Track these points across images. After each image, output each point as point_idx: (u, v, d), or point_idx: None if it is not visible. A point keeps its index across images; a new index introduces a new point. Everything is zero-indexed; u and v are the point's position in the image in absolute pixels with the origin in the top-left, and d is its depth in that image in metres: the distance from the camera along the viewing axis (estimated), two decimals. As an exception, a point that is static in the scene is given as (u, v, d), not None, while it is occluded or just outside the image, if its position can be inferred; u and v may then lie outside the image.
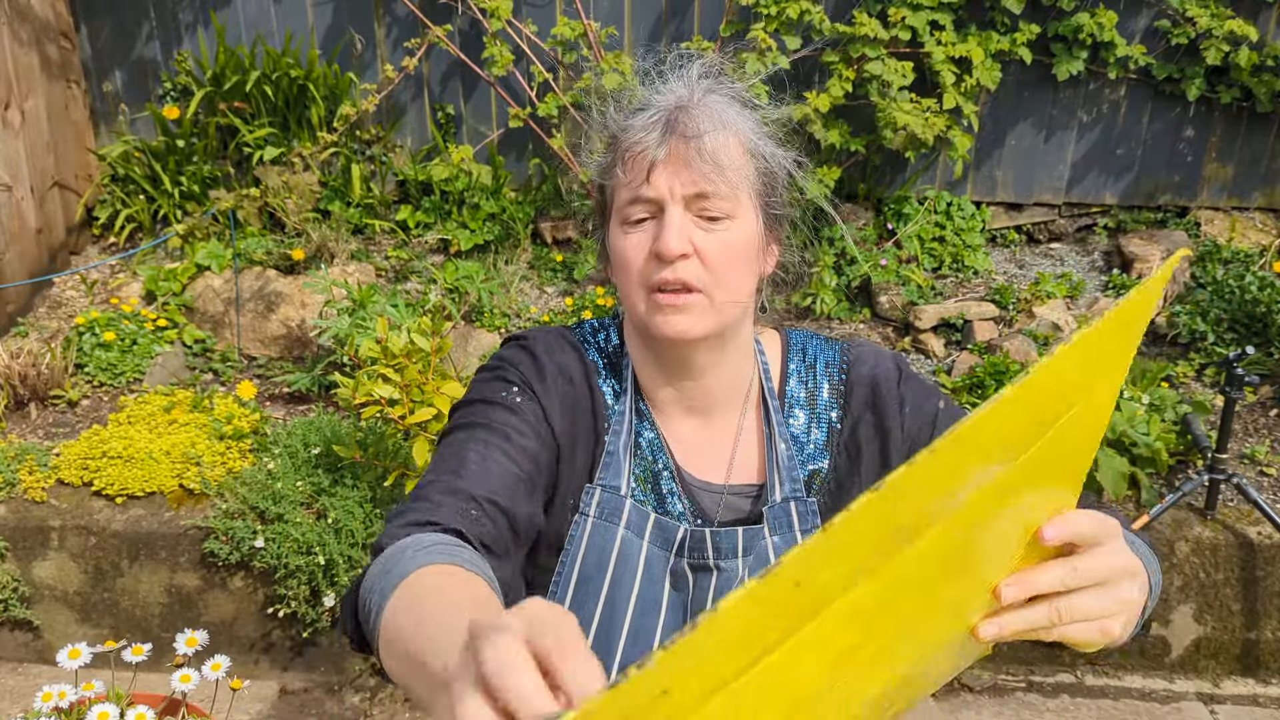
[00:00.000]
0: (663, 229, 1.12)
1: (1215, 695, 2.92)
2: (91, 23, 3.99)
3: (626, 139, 1.16)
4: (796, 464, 1.23)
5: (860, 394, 1.25)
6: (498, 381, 1.21)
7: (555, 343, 1.26)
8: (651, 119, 1.15)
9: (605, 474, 1.21)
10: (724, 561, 1.18)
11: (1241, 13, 3.58)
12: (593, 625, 1.18)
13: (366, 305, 3.25)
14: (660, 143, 1.12)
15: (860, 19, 3.46)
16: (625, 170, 1.15)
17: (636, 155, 1.13)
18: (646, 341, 1.23)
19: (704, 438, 1.25)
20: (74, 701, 1.67)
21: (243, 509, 2.84)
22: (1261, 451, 3.12)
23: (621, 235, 1.16)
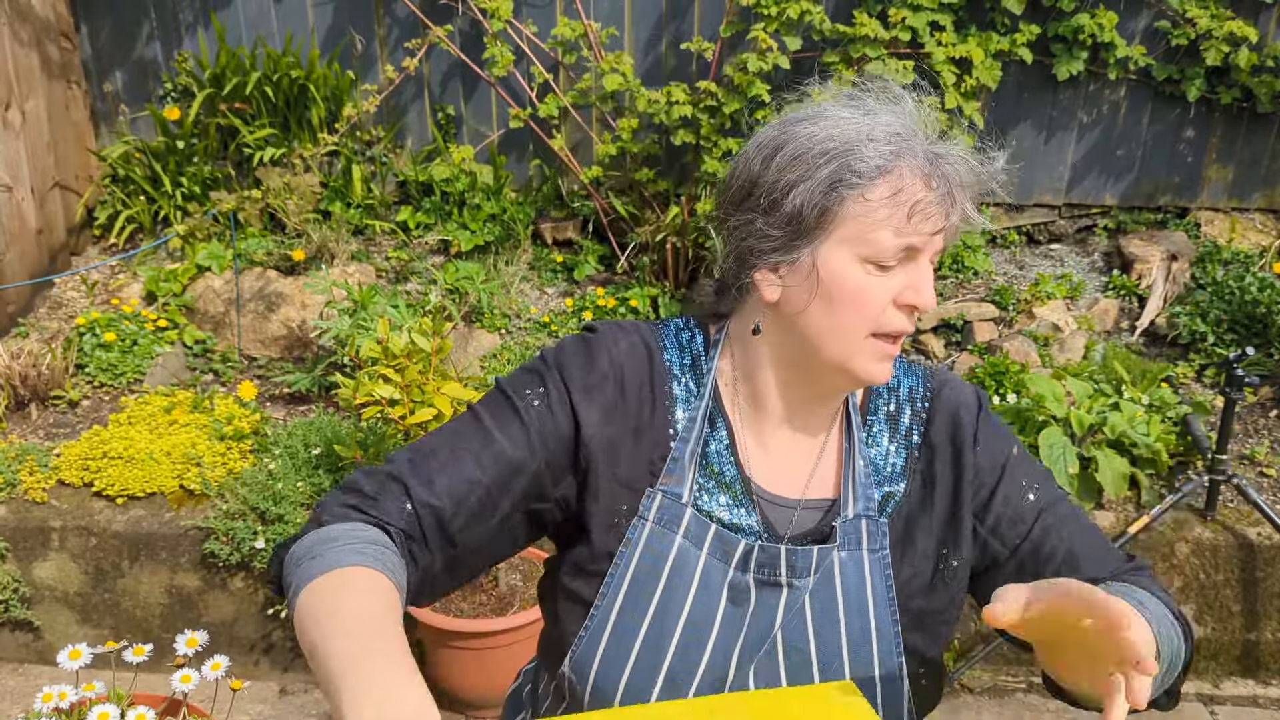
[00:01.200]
0: (923, 281, 1.11)
1: (1215, 696, 2.92)
2: (92, 23, 3.99)
3: (907, 186, 1.08)
4: (872, 483, 1.21)
5: (942, 424, 1.23)
6: (531, 377, 1.20)
7: (624, 340, 1.21)
8: (925, 168, 1.10)
9: (668, 480, 1.18)
10: (797, 580, 1.16)
11: (1241, 13, 3.58)
12: (640, 633, 1.15)
13: (367, 306, 3.25)
14: (951, 204, 1.10)
15: (860, 19, 3.46)
16: (909, 217, 1.08)
17: (922, 209, 1.08)
18: (808, 368, 1.18)
19: (788, 453, 1.23)
20: (75, 702, 1.68)
21: (243, 509, 2.84)
22: (1261, 452, 3.13)
23: (860, 272, 1.10)
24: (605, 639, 1.16)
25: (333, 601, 0.98)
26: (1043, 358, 3.44)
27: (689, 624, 1.15)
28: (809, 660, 1.16)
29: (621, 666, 1.15)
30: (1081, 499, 2.90)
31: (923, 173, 1.09)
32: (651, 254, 3.72)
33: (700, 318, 1.27)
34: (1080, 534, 1.22)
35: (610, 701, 1.15)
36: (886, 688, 1.17)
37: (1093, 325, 3.64)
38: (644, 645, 1.15)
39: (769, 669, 1.16)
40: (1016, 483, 1.22)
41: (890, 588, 1.18)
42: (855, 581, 1.17)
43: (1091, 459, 2.90)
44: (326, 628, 0.95)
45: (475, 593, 2.76)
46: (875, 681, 1.17)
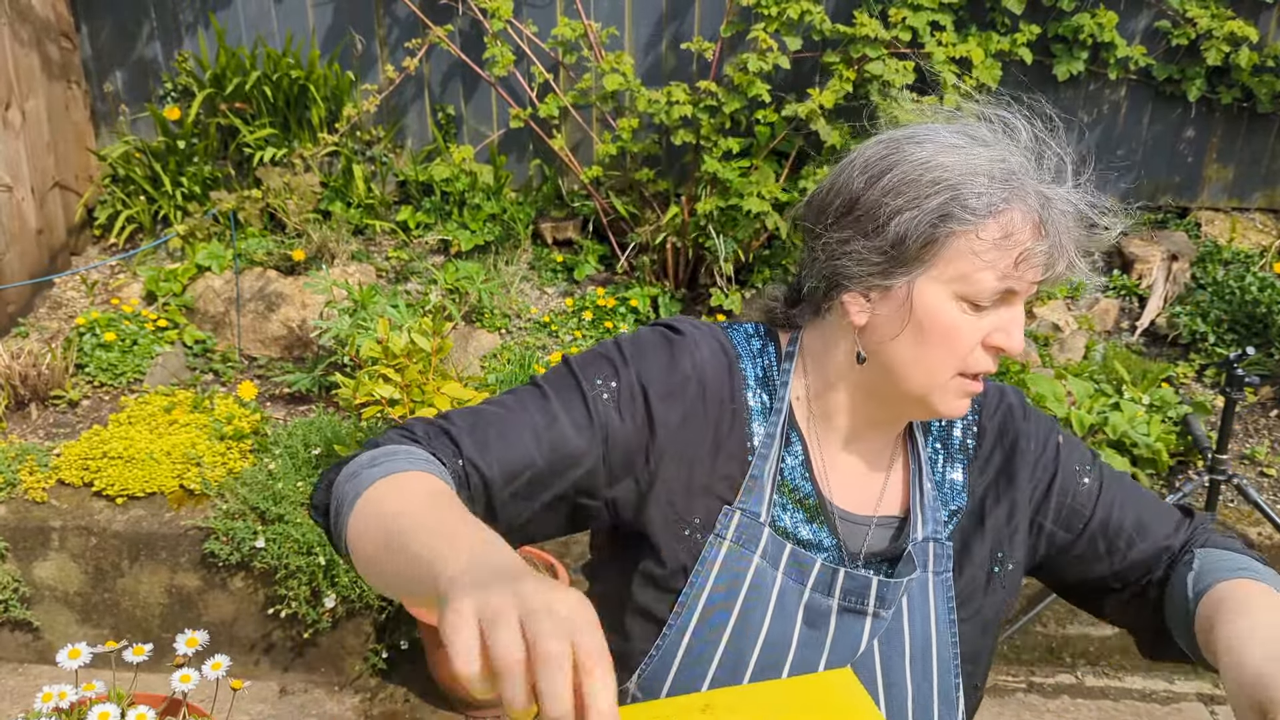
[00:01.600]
0: (1015, 326, 1.09)
1: (1215, 696, 2.92)
2: (92, 23, 3.99)
3: (1017, 232, 1.05)
4: (939, 504, 1.20)
5: (992, 432, 1.23)
6: (605, 366, 1.13)
7: (706, 344, 1.16)
8: (1034, 214, 1.06)
9: (746, 498, 1.14)
10: (884, 610, 1.14)
11: (1242, 13, 3.58)
12: (716, 656, 1.12)
13: (367, 306, 3.25)
14: (1059, 255, 1.06)
15: (861, 19, 3.46)
16: (1016, 263, 1.05)
17: (1029, 256, 1.04)
18: (886, 397, 1.16)
19: (858, 469, 1.21)
20: (74, 702, 1.68)
21: (243, 509, 2.84)
22: (1261, 452, 3.12)
23: (956, 309, 1.07)
24: (679, 659, 1.13)
25: (407, 490, 0.94)
26: (1043, 358, 3.44)
27: (766, 646, 1.12)
28: (875, 683, 1.14)
29: (696, 688, 1.12)
30: (1082, 499, 2.90)
31: (1034, 219, 1.05)
32: (651, 254, 3.72)
33: (770, 326, 1.22)
34: (1139, 501, 1.24)
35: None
36: (944, 707, 1.17)
37: (1093, 325, 3.64)
38: (720, 668, 1.12)
39: None
40: (1070, 470, 1.23)
41: (952, 609, 1.17)
42: (920, 604, 1.16)
43: (1092, 459, 2.90)
44: (404, 509, 0.91)
45: (475, 593, 2.76)
46: (934, 700, 1.16)
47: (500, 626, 0.68)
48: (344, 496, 0.98)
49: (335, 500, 1.00)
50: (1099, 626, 2.96)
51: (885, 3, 3.58)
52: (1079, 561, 1.23)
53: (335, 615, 2.88)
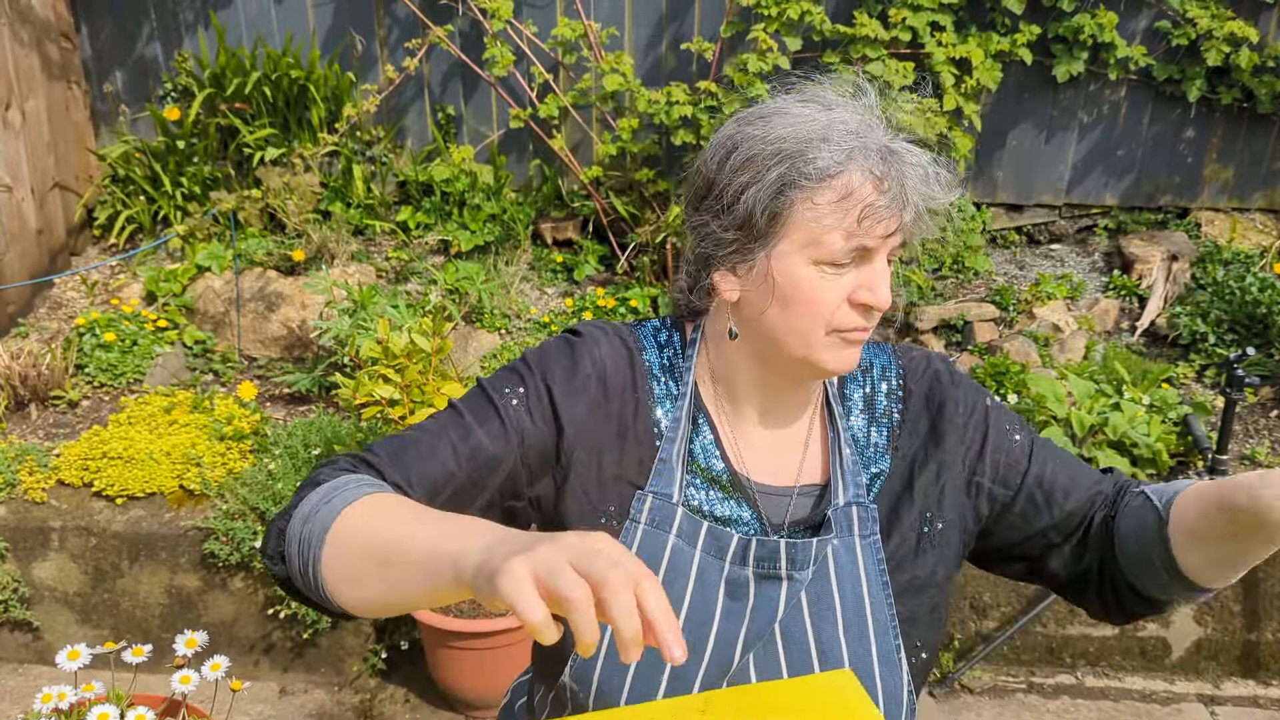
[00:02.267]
0: (878, 282, 1.10)
1: (1216, 696, 2.92)
2: (92, 23, 3.99)
3: (857, 189, 1.07)
4: (859, 468, 1.23)
5: (918, 397, 1.26)
6: (512, 377, 1.20)
7: (605, 342, 1.22)
8: (878, 169, 1.08)
9: (657, 481, 1.19)
10: (797, 572, 1.17)
11: (1242, 14, 3.58)
12: None
13: (367, 306, 3.25)
14: (902, 204, 1.08)
15: (861, 20, 3.46)
16: (860, 220, 1.07)
17: (874, 212, 1.07)
18: (773, 363, 1.19)
19: (776, 443, 1.24)
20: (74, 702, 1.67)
21: (243, 510, 2.84)
22: (1262, 452, 3.12)
23: (814, 274, 1.10)
24: (605, 644, 1.16)
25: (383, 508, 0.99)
26: (1043, 358, 3.44)
27: (688, 621, 1.16)
28: (808, 649, 1.17)
29: (624, 670, 1.16)
30: (1082, 499, 2.90)
31: (875, 174, 1.08)
32: (651, 254, 3.72)
33: (676, 317, 1.28)
34: (1066, 458, 1.28)
35: (616, 701, 1.16)
36: (885, 668, 1.19)
37: (1093, 325, 3.64)
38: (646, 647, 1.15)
39: (769, 661, 1.17)
40: (1001, 429, 1.26)
41: (883, 571, 1.20)
42: (849, 568, 1.18)
43: (1092, 459, 2.89)
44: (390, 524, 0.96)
45: (475, 593, 2.76)
46: (873, 662, 1.19)
47: (559, 573, 0.77)
48: (309, 535, 1.01)
49: (299, 543, 1.02)
50: (1099, 627, 2.96)
51: (885, 3, 3.58)
52: (1021, 519, 1.25)
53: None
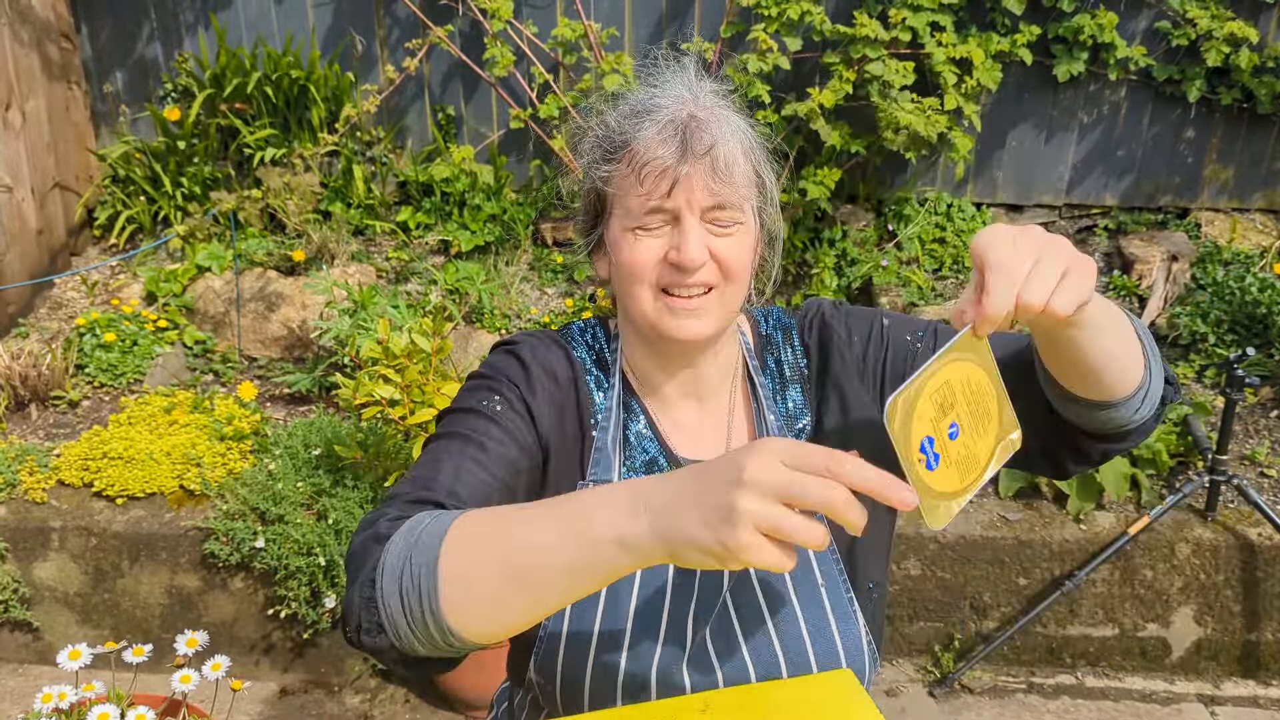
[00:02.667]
0: (684, 240, 1.16)
1: (1216, 697, 2.92)
2: (92, 23, 3.99)
3: (641, 150, 1.17)
4: (784, 431, 1.28)
5: (814, 340, 1.32)
6: (482, 390, 1.23)
7: (542, 345, 1.29)
8: (665, 131, 1.16)
9: (596, 469, 1.24)
10: None
11: (1242, 14, 3.58)
12: (598, 612, 1.20)
13: (367, 306, 3.25)
14: (681, 159, 1.15)
15: (861, 20, 3.46)
16: (641, 181, 1.16)
17: (655, 169, 1.15)
18: (647, 337, 1.26)
19: (701, 420, 1.30)
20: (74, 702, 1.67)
21: (243, 510, 2.84)
22: (1262, 453, 3.12)
23: (630, 239, 1.19)
24: (565, 631, 1.20)
25: (480, 524, 0.95)
26: (1043, 358, 3.44)
27: (641, 598, 1.20)
28: (760, 613, 1.20)
29: (585, 653, 1.19)
30: (1081, 500, 2.90)
31: (660, 136, 1.16)
32: (652, 254, 3.72)
33: (599, 315, 1.38)
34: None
35: (581, 688, 1.19)
36: (841, 622, 1.22)
37: (1093, 326, 3.63)
38: (603, 625, 1.19)
39: (724, 629, 1.20)
40: (902, 340, 1.29)
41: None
42: None
43: (1092, 459, 2.89)
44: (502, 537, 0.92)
45: (475, 593, 2.76)
46: (828, 617, 1.22)
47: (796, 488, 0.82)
48: (416, 584, 0.94)
49: (402, 598, 0.94)
50: (1099, 627, 2.96)
51: (885, 3, 3.58)
52: None
53: (335, 616, 2.88)
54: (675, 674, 1.18)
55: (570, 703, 1.21)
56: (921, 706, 2.88)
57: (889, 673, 2.98)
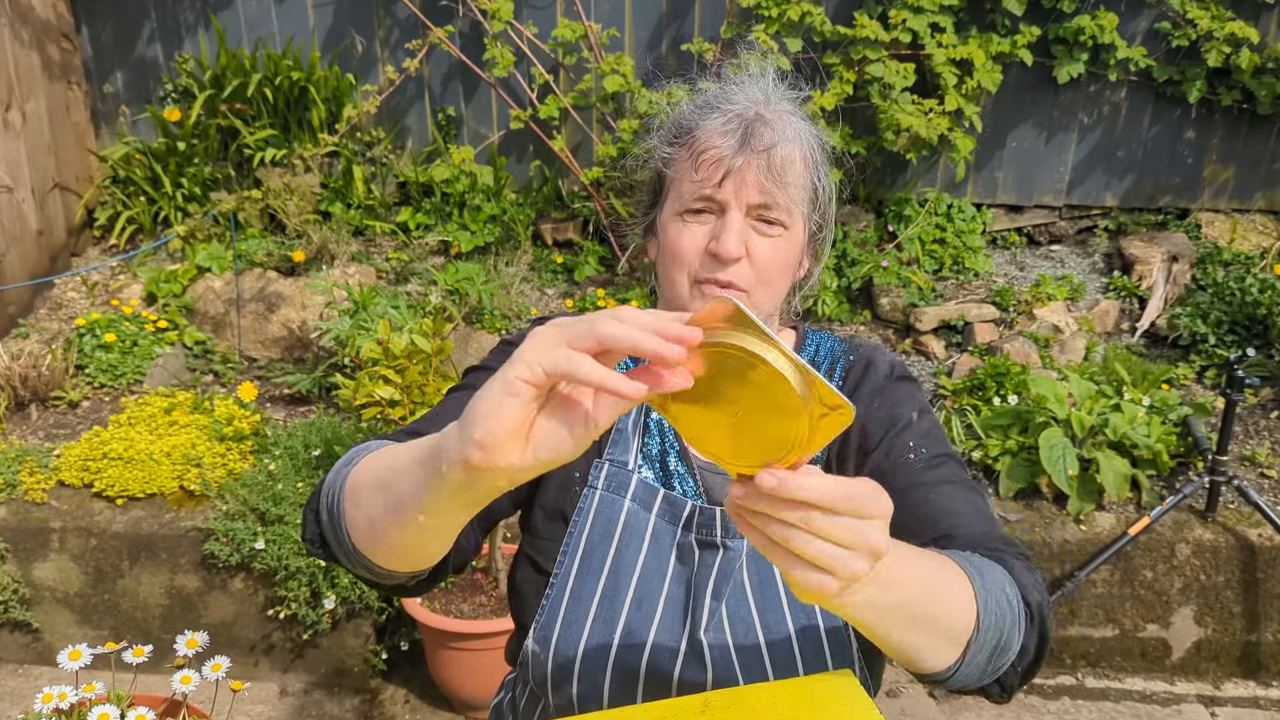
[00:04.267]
0: (724, 230, 1.18)
1: (1216, 697, 2.91)
2: (93, 24, 3.99)
3: (702, 138, 1.19)
4: None
5: (852, 379, 1.30)
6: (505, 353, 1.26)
7: None
8: (728, 124, 1.18)
9: (614, 450, 1.26)
10: (730, 540, 1.21)
11: (1242, 15, 3.58)
12: (598, 590, 1.21)
13: (367, 307, 3.25)
14: (736, 152, 1.17)
15: (861, 21, 3.46)
16: (696, 168, 1.19)
17: (711, 158, 1.18)
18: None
19: None
20: (74, 703, 1.67)
21: (243, 510, 2.84)
22: (1262, 453, 3.12)
23: (679, 224, 1.22)
24: (565, 603, 1.22)
25: (385, 453, 0.97)
26: (1043, 359, 3.44)
27: (641, 580, 1.21)
28: (754, 628, 1.20)
29: (580, 627, 1.21)
30: (1082, 500, 2.90)
31: (723, 127, 1.18)
32: (652, 255, 3.72)
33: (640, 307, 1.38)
34: (957, 497, 1.18)
35: (571, 666, 1.20)
36: (834, 644, 1.22)
37: (1093, 326, 3.63)
38: (600, 603, 1.21)
39: (719, 639, 1.20)
40: (905, 443, 1.24)
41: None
42: None
43: (1093, 460, 2.89)
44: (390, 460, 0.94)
45: (475, 594, 2.76)
46: (822, 638, 1.21)
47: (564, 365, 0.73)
48: (332, 504, 1.03)
49: (325, 515, 1.04)
50: (1099, 628, 2.96)
51: (886, 4, 3.58)
52: None
53: (335, 616, 2.87)
54: (667, 667, 1.19)
55: (559, 677, 1.22)
56: (922, 707, 2.88)
57: (889, 673, 2.98)
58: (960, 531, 1.13)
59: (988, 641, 0.98)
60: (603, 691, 1.20)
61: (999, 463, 2.99)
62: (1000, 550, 1.10)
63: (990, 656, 0.99)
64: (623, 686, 1.20)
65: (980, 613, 0.96)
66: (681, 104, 1.27)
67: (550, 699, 1.25)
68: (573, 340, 0.73)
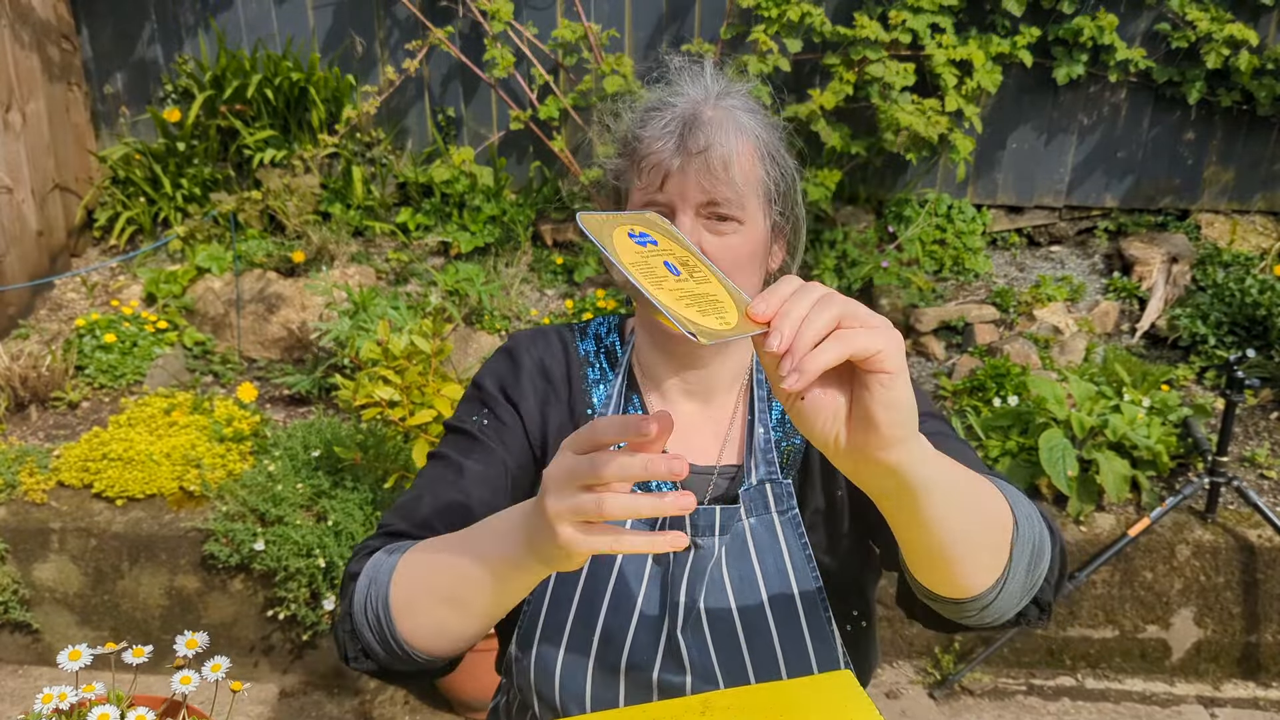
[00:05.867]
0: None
1: (1216, 698, 2.91)
2: (93, 25, 3.99)
3: (642, 146, 1.20)
4: (773, 446, 1.27)
5: None
6: (470, 404, 1.30)
7: (539, 339, 1.34)
8: (666, 127, 1.19)
9: None
10: (701, 539, 1.22)
11: (1242, 17, 3.58)
12: (576, 594, 1.23)
13: (367, 307, 3.25)
14: (675, 153, 1.17)
15: (861, 21, 3.46)
16: (640, 175, 1.20)
17: (651, 163, 1.19)
18: (651, 333, 1.28)
19: (701, 422, 1.30)
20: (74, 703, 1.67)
21: (243, 511, 2.84)
22: (1262, 454, 3.12)
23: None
24: (545, 608, 1.23)
25: (418, 562, 1.07)
26: (1043, 360, 3.44)
27: (619, 582, 1.22)
28: (734, 628, 1.21)
29: (560, 630, 1.22)
30: (1081, 501, 2.90)
31: (660, 131, 1.19)
32: (652, 256, 3.71)
33: (624, 316, 1.40)
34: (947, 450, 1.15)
35: (553, 670, 1.22)
36: (817, 641, 1.22)
37: (1093, 327, 3.64)
38: (579, 606, 1.22)
39: (697, 639, 1.21)
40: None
41: (805, 544, 1.23)
42: (769, 545, 1.23)
43: (1092, 461, 2.89)
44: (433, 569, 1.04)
45: (475, 595, 2.76)
46: (805, 637, 1.22)
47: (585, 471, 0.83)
48: (377, 622, 1.08)
49: (373, 632, 1.08)
50: (1099, 629, 2.96)
51: (885, 5, 3.58)
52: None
53: (334, 617, 2.88)
54: (646, 667, 1.20)
55: (541, 681, 1.23)
56: (921, 708, 2.88)
57: (889, 674, 2.98)
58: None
59: (1027, 544, 0.99)
60: (584, 693, 1.21)
61: (999, 464, 2.99)
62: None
63: (1029, 565, 1.01)
64: (603, 687, 1.21)
65: (1014, 510, 0.98)
66: (624, 115, 1.28)
67: (534, 704, 1.25)
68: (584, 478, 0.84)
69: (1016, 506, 1.00)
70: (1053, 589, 1.08)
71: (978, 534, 0.94)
